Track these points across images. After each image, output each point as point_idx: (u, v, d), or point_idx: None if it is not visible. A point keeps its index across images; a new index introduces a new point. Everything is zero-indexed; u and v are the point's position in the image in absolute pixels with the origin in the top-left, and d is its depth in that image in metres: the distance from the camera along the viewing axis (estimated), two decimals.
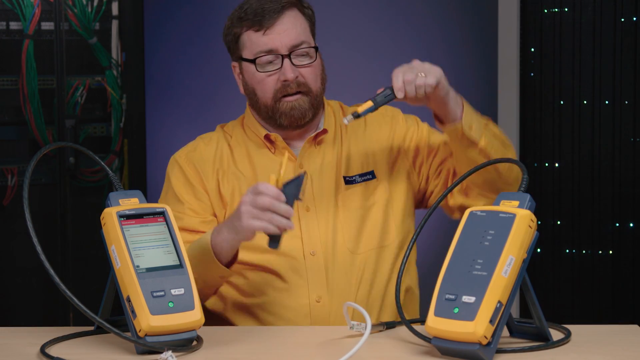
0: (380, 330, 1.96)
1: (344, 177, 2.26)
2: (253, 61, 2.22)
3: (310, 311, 2.17)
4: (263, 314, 2.19)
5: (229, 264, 2.12)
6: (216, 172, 2.27)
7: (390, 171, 2.29)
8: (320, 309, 2.17)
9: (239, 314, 2.21)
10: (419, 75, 2.08)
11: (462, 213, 1.86)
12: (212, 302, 2.24)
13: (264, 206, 1.97)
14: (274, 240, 1.99)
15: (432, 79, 2.09)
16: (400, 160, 2.31)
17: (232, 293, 2.22)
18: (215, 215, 2.26)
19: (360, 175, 2.27)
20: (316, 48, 2.24)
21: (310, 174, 2.25)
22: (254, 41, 2.22)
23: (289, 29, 2.21)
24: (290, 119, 2.22)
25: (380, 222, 2.25)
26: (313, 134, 2.27)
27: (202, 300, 2.17)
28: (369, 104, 2.08)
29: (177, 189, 2.27)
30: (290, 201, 1.98)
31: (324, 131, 2.29)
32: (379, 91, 2.09)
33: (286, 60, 2.20)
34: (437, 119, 2.18)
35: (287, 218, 1.97)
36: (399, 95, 2.06)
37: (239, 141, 2.31)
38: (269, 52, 2.20)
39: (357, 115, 2.07)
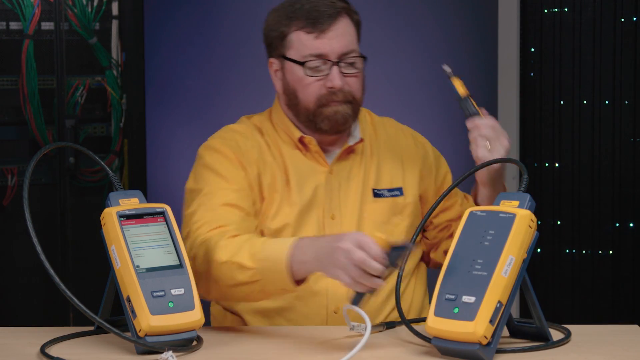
0: (380, 331, 1.96)
1: (373, 190, 2.22)
2: (301, 64, 2.16)
3: (327, 321, 2.15)
4: (279, 319, 2.16)
5: (298, 282, 1.95)
6: (256, 163, 2.18)
7: (417, 194, 2.26)
8: (336, 321, 2.13)
9: (255, 316, 2.18)
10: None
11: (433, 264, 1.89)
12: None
13: (358, 262, 1.78)
14: (357, 298, 1.81)
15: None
16: (422, 190, 2.28)
17: None
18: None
19: (389, 190, 2.23)
20: (364, 58, 2.20)
21: (339, 181, 2.20)
22: (304, 43, 2.16)
23: (340, 35, 2.15)
24: (332, 123, 2.17)
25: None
26: (352, 144, 2.22)
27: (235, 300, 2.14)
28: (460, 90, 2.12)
29: (227, 174, 2.16)
30: (388, 266, 1.79)
31: (361, 140, 2.24)
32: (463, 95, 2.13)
33: (335, 68, 2.15)
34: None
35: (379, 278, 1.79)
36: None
37: (271, 138, 2.24)
38: (319, 56, 2.15)
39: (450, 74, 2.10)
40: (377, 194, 2.22)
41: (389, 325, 1.99)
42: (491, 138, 2.11)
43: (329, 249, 1.84)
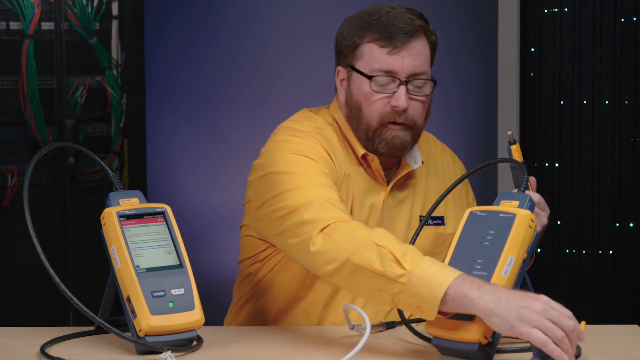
0: (380, 330, 1.96)
1: (420, 217, 2.15)
2: (369, 77, 2.06)
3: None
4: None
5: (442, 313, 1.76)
6: (342, 164, 2.10)
7: (455, 224, 2.16)
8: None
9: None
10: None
11: None
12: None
13: (564, 328, 1.61)
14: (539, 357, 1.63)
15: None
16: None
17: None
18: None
19: (432, 219, 2.16)
20: (434, 82, 2.11)
21: (395, 203, 2.13)
22: (375, 57, 2.06)
23: (415, 55, 2.07)
24: (389, 147, 2.08)
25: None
26: (416, 167, 2.15)
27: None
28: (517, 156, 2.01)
29: (314, 155, 2.03)
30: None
31: (422, 164, 2.17)
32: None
33: (402, 87, 2.05)
34: None
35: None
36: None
37: (338, 148, 2.13)
38: (388, 72, 2.05)
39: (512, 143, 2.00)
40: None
41: (389, 325, 1.99)
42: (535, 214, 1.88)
43: (522, 303, 1.64)
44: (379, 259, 1.77)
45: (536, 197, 1.94)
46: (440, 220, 2.18)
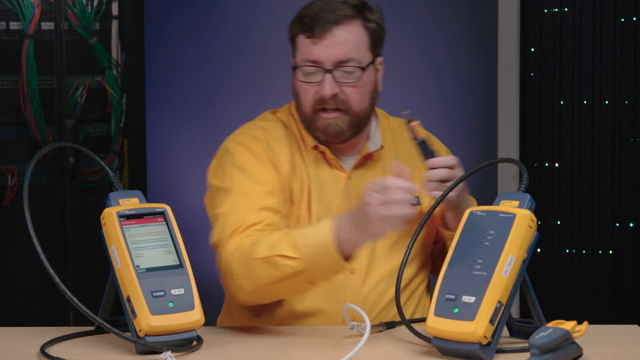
0: (380, 331, 1.96)
1: None
2: (295, 68, 2.13)
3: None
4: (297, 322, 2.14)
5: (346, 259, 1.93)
6: (289, 164, 2.14)
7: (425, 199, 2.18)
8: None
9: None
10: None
11: None
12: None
13: (391, 201, 1.82)
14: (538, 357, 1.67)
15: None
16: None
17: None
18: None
19: None
20: (367, 66, 2.12)
21: (357, 189, 2.14)
22: (303, 47, 2.12)
23: (340, 43, 2.09)
24: (325, 135, 2.13)
25: (417, 253, 2.18)
26: (371, 151, 2.18)
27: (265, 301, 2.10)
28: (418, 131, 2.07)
29: (249, 167, 2.12)
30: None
31: (381, 147, 2.20)
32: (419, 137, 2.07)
33: (327, 75, 2.09)
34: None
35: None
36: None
37: (296, 139, 2.20)
38: (314, 62, 2.10)
39: (409, 122, 2.05)
40: None
41: (389, 325, 1.99)
42: (448, 177, 2.05)
43: (361, 214, 1.85)
44: (273, 269, 1.92)
45: (451, 160, 2.05)
46: (415, 200, 2.17)
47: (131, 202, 1.88)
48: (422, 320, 1.96)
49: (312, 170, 2.16)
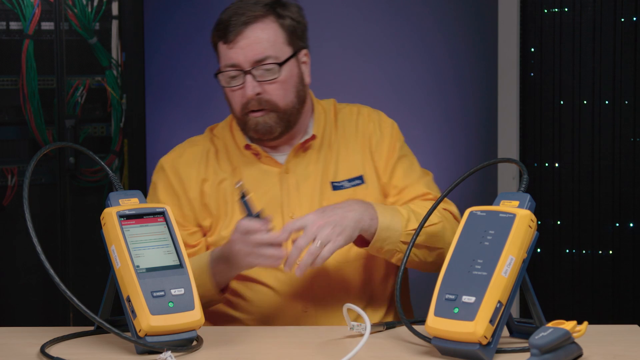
0: (380, 331, 1.96)
1: (332, 183, 2.21)
2: (219, 74, 2.18)
3: (297, 322, 2.16)
4: (252, 323, 2.19)
5: (222, 290, 2.13)
6: (201, 182, 2.23)
7: (378, 178, 2.24)
8: (306, 320, 2.15)
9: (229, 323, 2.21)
10: (315, 243, 1.96)
11: None
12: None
13: (255, 244, 1.97)
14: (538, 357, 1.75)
15: (334, 245, 1.98)
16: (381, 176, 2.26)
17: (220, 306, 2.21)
18: (200, 226, 2.23)
19: (349, 181, 2.22)
20: (285, 61, 2.15)
21: (296, 180, 2.20)
22: (222, 53, 2.17)
23: (252, 43, 2.13)
24: (257, 134, 2.19)
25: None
26: (301, 141, 2.23)
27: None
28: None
29: (163, 199, 2.24)
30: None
31: (313, 137, 2.24)
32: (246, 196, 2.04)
33: (248, 77, 2.14)
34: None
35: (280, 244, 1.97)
36: (278, 264, 2.00)
37: (227, 147, 2.26)
38: (233, 66, 2.14)
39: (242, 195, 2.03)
40: (336, 186, 2.21)
41: (389, 325, 1.99)
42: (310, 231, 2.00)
43: (228, 250, 2.02)
44: None
45: (311, 218, 2.00)
46: (359, 180, 2.23)
47: (131, 202, 1.88)
48: (422, 320, 1.96)
49: (246, 170, 2.22)
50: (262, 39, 2.14)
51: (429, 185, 2.26)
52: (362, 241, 2.08)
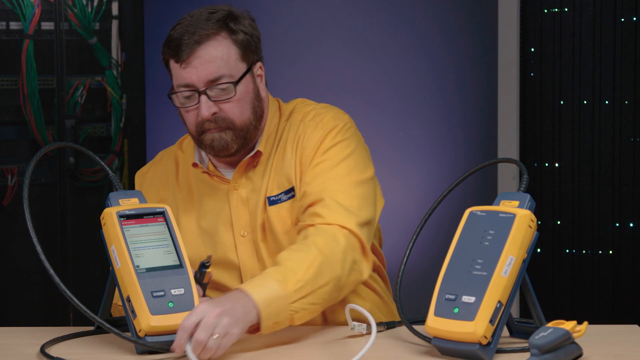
0: (381, 330, 1.96)
1: (268, 198, 2.12)
2: (171, 95, 2.10)
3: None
4: None
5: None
6: (160, 199, 2.18)
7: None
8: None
9: None
10: (212, 338, 1.74)
11: None
12: None
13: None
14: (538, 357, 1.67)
15: (231, 338, 1.77)
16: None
17: None
18: None
19: (285, 193, 2.12)
20: (240, 79, 2.07)
21: (246, 196, 2.13)
22: (175, 72, 2.08)
23: (207, 62, 2.04)
24: (214, 151, 2.10)
25: None
26: (246, 159, 2.13)
27: None
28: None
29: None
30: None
31: (258, 154, 2.15)
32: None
33: (202, 97, 2.05)
34: None
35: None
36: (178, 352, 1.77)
37: (188, 160, 2.21)
38: (187, 86, 2.06)
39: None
40: (273, 201, 2.12)
41: (389, 325, 1.99)
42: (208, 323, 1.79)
43: None
44: None
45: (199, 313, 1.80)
46: (293, 192, 2.12)
47: (131, 202, 1.88)
48: (422, 320, 1.96)
49: (197, 188, 2.17)
50: (215, 57, 2.05)
51: (331, 193, 2.06)
52: (255, 327, 1.88)
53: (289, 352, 1.84)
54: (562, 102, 3.95)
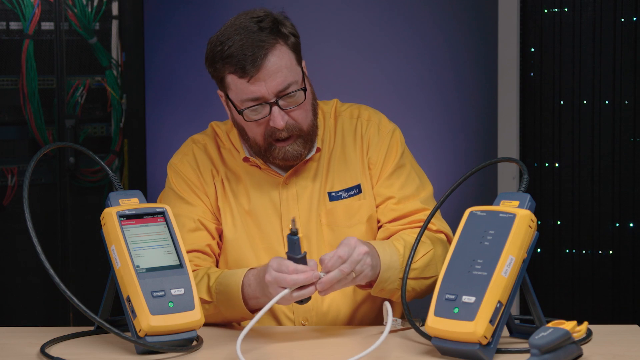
0: (409, 328, 1.96)
1: (329, 194, 2.16)
2: (240, 112, 2.08)
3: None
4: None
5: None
6: (213, 181, 2.18)
7: (373, 187, 2.19)
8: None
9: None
10: (349, 276, 1.89)
11: None
12: None
13: (288, 285, 1.85)
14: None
15: (363, 279, 1.93)
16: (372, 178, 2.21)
17: None
18: (218, 220, 2.18)
19: (347, 190, 2.17)
20: (303, 82, 2.09)
21: (296, 191, 2.16)
22: (239, 87, 2.06)
23: (274, 73, 2.04)
24: (285, 161, 2.12)
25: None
26: (309, 157, 2.16)
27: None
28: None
29: (181, 192, 2.17)
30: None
31: (318, 150, 2.18)
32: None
33: (275, 108, 2.05)
34: None
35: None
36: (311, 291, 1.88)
37: (231, 152, 2.21)
38: (256, 100, 2.05)
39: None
40: (333, 197, 2.16)
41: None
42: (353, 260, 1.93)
43: (263, 284, 1.92)
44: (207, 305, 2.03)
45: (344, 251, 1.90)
46: (357, 189, 2.18)
47: (131, 202, 1.88)
48: (423, 320, 1.96)
49: (249, 179, 2.18)
50: (280, 66, 2.05)
51: (426, 201, 2.19)
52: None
53: (287, 352, 1.84)
54: (562, 102, 3.95)
